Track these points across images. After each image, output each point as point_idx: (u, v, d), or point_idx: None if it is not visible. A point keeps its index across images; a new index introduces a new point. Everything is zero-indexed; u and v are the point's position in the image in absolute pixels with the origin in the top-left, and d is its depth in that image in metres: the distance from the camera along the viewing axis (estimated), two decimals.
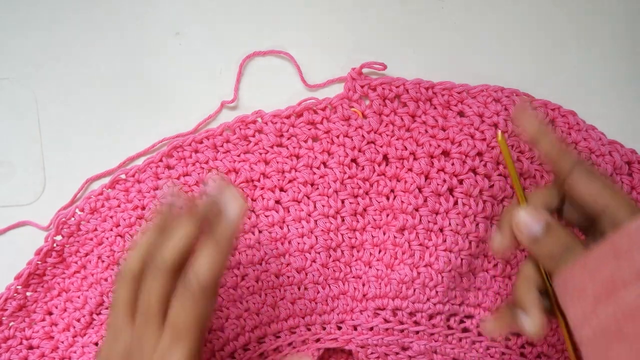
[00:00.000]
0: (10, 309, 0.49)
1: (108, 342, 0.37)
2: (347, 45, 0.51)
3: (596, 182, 0.34)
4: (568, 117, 0.48)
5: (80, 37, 0.52)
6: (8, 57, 0.52)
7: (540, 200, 0.37)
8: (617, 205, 0.34)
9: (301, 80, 0.51)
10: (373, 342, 0.47)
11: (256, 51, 0.51)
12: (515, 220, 0.36)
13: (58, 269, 0.50)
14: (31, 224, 0.51)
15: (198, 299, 0.35)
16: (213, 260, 0.35)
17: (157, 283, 0.35)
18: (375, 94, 0.48)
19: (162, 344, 0.35)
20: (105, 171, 0.51)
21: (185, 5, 0.52)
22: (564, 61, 0.51)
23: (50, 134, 0.52)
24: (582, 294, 0.32)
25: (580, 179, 0.35)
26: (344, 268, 0.48)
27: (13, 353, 0.49)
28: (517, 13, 0.51)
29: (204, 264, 0.35)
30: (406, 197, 0.47)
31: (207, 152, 0.49)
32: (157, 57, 0.52)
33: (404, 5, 0.51)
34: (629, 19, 0.51)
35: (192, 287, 0.35)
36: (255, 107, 0.50)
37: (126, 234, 0.48)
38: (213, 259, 0.35)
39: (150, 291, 0.35)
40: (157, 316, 0.35)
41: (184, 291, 0.35)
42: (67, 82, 0.52)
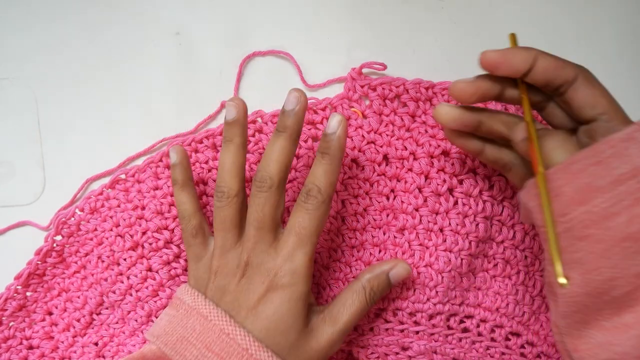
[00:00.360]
0: (10, 309, 0.49)
1: (217, 257, 0.41)
2: (346, 45, 0.51)
3: (596, 90, 0.35)
4: None
5: (80, 37, 0.52)
6: (8, 57, 0.52)
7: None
8: (612, 114, 0.35)
9: (301, 80, 0.51)
10: (373, 343, 0.47)
11: (256, 51, 0.51)
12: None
13: (58, 269, 0.50)
14: (31, 224, 0.51)
15: (320, 207, 0.39)
16: (329, 171, 0.40)
17: (270, 197, 0.39)
18: (375, 94, 0.48)
19: (287, 245, 0.39)
20: (105, 171, 0.51)
21: (185, 5, 0.52)
22: None
23: (50, 134, 0.52)
24: (560, 194, 0.32)
25: (582, 86, 0.36)
26: (344, 268, 0.48)
27: (13, 353, 0.49)
28: (517, 13, 0.51)
29: (322, 175, 0.39)
30: (406, 197, 0.47)
31: (207, 152, 0.49)
32: (157, 57, 0.52)
33: (404, 5, 0.51)
34: (630, 18, 0.51)
35: (315, 197, 0.39)
36: (255, 107, 0.50)
37: (126, 234, 0.48)
38: (329, 171, 0.40)
39: (263, 205, 0.39)
40: (271, 224, 0.40)
41: (307, 200, 0.39)
42: (67, 82, 0.52)
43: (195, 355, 0.38)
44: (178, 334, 0.39)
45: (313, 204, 0.39)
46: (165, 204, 0.48)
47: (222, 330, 0.38)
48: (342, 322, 0.41)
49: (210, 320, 0.38)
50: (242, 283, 0.40)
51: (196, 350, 0.38)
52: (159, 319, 0.42)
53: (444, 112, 0.39)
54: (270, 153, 0.40)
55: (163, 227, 0.47)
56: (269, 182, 0.40)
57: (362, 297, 0.42)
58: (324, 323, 0.41)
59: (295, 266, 0.39)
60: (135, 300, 0.48)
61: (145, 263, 0.48)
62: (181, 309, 0.40)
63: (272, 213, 0.40)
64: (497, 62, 0.37)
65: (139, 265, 0.48)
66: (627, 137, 0.32)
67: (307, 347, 0.40)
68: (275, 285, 0.39)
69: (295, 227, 0.39)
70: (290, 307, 0.39)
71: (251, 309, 0.39)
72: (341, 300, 0.42)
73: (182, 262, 0.48)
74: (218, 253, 0.41)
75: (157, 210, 0.47)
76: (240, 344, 0.37)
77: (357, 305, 0.41)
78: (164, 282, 0.48)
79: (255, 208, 0.40)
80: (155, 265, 0.47)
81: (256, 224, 0.40)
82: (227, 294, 0.40)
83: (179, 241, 0.48)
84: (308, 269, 0.39)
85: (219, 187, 0.41)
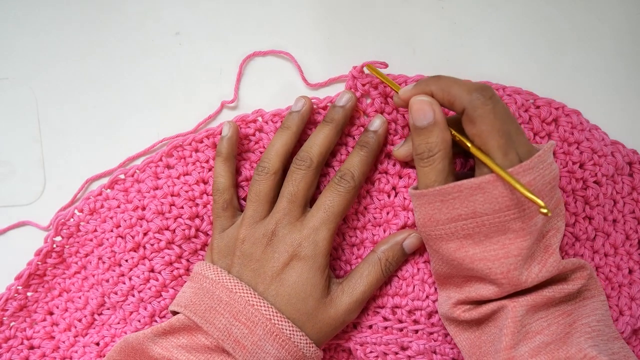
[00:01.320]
0: (11, 309, 0.49)
1: (245, 226, 0.44)
2: (347, 45, 0.51)
3: (475, 128, 0.38)
4: (572, 117, 0.48)
5: (80, 37, 0.52)
6: (8, 57, 0.52)
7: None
8: (488, 152, 0.37)
9: (302, 79, 0.50)
10: (372, 341, 0.47)
11: (256, 51, 0.51)
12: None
13: (58, 269, 0.50)
14: (31, 224, 0.51)
15: (350, 191, 0.43)
16: (365, 162, 0.44)
17: (307, 176, 0.43)
18: (376, 92, 0.48)
19: (314, 219, 0.43)
20: (105, 171, 0.51)
21: (185, 5, 0.52)
22: (566, 61, 0.51)
23: (50, 134, 0.52)
24: (415, 212, 0.42)
25: (465, 121, 0.39)
26: (344, 266, 0.48)
27: (14, 353, 0.49)
28: (518, 12, 0.51)
29: (358, 164, 0.44)
30: (408, 194, 0.47)
31: (207, 152, 0.49)
32: (157, 57, 0.52)
33: (404, 5, 0.51)
34: (632, 18, 0.51)
35: (347, 181, 0.43)
36: (255, 107, 0.50)
37: (127, 234, 0.48)
38: (365, 162, 0.44)
39: (299, 181, 0.43)
40: (303, 200, 0.43)
41: (340, 182, 0.43)
42: (67, 82, 0.52)
43: (223, 324, 0.40)
44: (206, 304, 0.41)
45: (345, 187, 0.43)
46: (166, 204, 0.47)
47: (247, 301, 0.41)
48: (359, 292, 0.44)
49: (236, 292, 0.41)
50: (267, 251, 0.43)
51: (224, 319, 0.40)
52: (182, 292, 0.44)
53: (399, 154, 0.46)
54: (315, 138, 0.45)
55: (164, 227, 0.47)
56: (308, 161, 0.44)
57: (377, 267, 0.45)
58: (342, 293, 0.44)
59: (318, 239, 0.42)
60: (138, 301, 0.48)
61: (147, 264, 0.48)
62: (204, 282, 0.42)
63: (305, 190, 0.43)
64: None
65: (141, 266, 0.48)
66: (476, 187, 0.37)
67: (325, 315, 0.43)
68: (298, 255, 0.42)
69: (325, 204, 0.43)
70: (310, 276, 0.42)
71: (275, 276, 0.42)
72: (358, 271, 0.45)
73: (185, 262, 0.48)
74: (248, 223, 0.44)
75: (158, 211, 0.47)
76: (264, 314, 0.41)
77: (373, 275, 0.44)
78: (167, 282, 0.48)
79: (291, 182, 0.43)
80: (158, 266, 0.47)
81: (289, 197, 0.43)
82: (253, 260, 0.43)
83: (180, 241, 0.48)
84: (329, 244, 0.43)
85: (262, 162, 0.45)
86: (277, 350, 0.40)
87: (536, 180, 0.37)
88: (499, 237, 0.38)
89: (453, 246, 0.39)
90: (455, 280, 0.42)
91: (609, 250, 0.48)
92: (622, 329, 0.47)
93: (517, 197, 0.36)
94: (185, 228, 0.47)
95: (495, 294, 0.39)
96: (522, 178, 0.36)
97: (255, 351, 0.40)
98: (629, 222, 0.48)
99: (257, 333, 0.40)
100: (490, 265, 0.38)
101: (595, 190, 0.47)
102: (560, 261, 0.38)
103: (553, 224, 0.39)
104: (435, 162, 0.39)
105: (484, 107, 0.37)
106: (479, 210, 0.37)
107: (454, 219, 0.38)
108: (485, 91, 0.37)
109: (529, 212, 0.37)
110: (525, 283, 0.38)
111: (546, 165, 0.38)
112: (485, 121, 0.37)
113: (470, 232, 0.38)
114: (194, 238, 0.48)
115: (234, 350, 0.40)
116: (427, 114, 0.39)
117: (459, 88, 0.38)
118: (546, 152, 0.38)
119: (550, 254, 0.38)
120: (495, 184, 0.37)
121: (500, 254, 0.38)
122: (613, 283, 0.48)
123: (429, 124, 0.39)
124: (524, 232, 0.37)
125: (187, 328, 0.41)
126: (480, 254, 0.38)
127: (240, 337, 0.40)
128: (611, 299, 0.47)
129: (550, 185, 0.38)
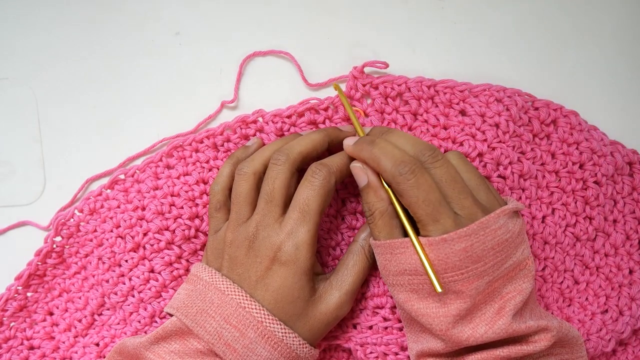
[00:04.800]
0: (10, 309, 0.49)
1: (231, 229, 0.43)
2: (347, 45, 0.51)
3: (405, 200, 0.39)
4: (570, 117, 0.48)
5: (80, 37, 0.52)
6: (8, 57, 0.52)
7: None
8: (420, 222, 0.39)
9: (302, 79, 0.50)
10: (372, 341, 0.47)
11: (256, 51, 0.51)
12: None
13: (58, 269, 0.50)
14: (31, 224, 0.51)
15: (324, 185, 0.42)
16: (344, 160, 0.43)
17: (282, 172, 0.42)
18: (377, 93, 0.48)
19: (290, 221, 0.41)
20: (105, 171, 0.51)
21: (185, 5, 0.52)
22: (566, 61, 0.51)
23: (50, 134, 0.52)
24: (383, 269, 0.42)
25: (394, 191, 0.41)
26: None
27: (14, 353, 0.49)
28: (517, 12, 0.51)
29: (337, 160, 0.43)
30: None
31: (208, 152, 0.49)
32: (157, 57, 0.52)
33: (404, 5, 0.51)
34: (633, 18, 0.51)
35: (321, 172, 0.42)
36: (255, 107, 0.50)
37: (127, 235, 0.48)
38: (344, 160, 0.43)
39: (274, 178, 0.42)
40: (280, 199, 0.42)
41: (315, 179, 0.42)
42: (67, 82, 0.52)
43: (214, 327, 0.40)
44: (197, 307, 0.41)
45: (319, 180, 0.42)
46: (166, 204, 0.47)
47: (238, 303, 0.40)
48: (348, 284, 0.43)
49: (228, 294, 0.41)
50: (250, 255, 0.42)
51: (215, 322, 0.40)
52: (177, 294, 0.43)
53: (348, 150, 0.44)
54: (299, 139, 0.44)
55: (164, 227, 0.47)
56: (284, 157, 0.42)
57: (362, 256, 0.44)
58: (331, 288, 0.43)
59: (297, 242, 0.41)
60: (138, 301, 0.48)
61: (147, 264, 0.48)
62: (199, 284, 0.42)
63: (282, 189, 0.42)
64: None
65: (141, 266, 0.48)
66: (400, 245, 0.39)
67: (316, 313, 0.42)
68: (279, 259, 0.41)
69: (299, 202, 0.42)
70: (295, 281, 0.41)
71: (259, 280, 0.41)
72: (344, 264, 0.44)
73: (184, 262, 0.48)
74: (232, 225, 0.43)
75: (158, 211, 0.47)
76: (256, 317, 0.40)
77: (359, 265, 0.44)
78: (167, 283, 0.48)
79: (267, 181, 0.42)
80: (158, 266, 0.47)
81: (266, 197, 0.42)
82: (238, 264, 0.42)
83: (180, 242, 0.48)
84: (310, 245, 0.41)
85: (242, 163, 0.44)
86: (270, 352, 0.40)
87: (473, 246, 0.37)
88: (440, 296, 0.39)
89: (403, 297, 0.41)
90: (415, 327, 0.43)
91: (609, 251, 0.48)
92: (622, 329, 0.47)
93: (455, 262, 0.38)
94: (185, 228, 0.47)
95: (443, 348, 0.40)
96: (454, 245, 0.37)
97: (246, 354, 0.40)
98: (629, 222, 0.48)
99: (248, 336, 0.40)
100: (431, 322, 0.39)
101: (595, 191, 0.47)
102: (510, 324, 0.38)
103: (516, 286, 0.39)
104: (375, 219, 0.41)
105: (405, 182, 0.38)
106: (419, 269, 0.39)
107: (401, 272, 0.40)
108: (407, 165, 0.39)
109: (469, 277, 0.38)
110: (467, 341, 0.38)
111: (490, 230, 0.38)
112: (409, 194, 0.38)
113: (415, 288, 0.40)
114: (194, 238, 0.48)
115: (224, 354, 0.40)
116: (361, 178, 0.42)
117: (385, 162, 0.39)
118: (493, 218, 0.38)
119: (501, 317, 0.38)
120: (430, 248, 0.38)
121: (440, 313, 0.39)
122: (613, 283, 0.48)
123: (365, 186, 0.42)
124: (464, 295, 0.38)
125: (180, 332, 0.41)
126: (423, 309, 0.39)
127: (231, 340, 0.40)
128: (611, 299, 0.47)
129: (494, 250, 0.38)
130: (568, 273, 0.48)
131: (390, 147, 0.40)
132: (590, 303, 0.48)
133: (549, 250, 0.48)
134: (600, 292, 0.48)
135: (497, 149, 0.46)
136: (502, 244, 0.38)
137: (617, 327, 0.47)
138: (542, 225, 0.48)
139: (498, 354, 0.38)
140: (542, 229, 0.47)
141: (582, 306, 0.48)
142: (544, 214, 0.48)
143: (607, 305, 0.48)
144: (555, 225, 0.48)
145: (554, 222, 0.48)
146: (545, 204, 0.48)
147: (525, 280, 0.40)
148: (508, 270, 0.39)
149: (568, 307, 0.48)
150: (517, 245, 0.40)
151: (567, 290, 0.48)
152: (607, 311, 0.47)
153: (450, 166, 0.40)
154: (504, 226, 0.39)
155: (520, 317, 0.39)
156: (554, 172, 0.48)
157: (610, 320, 0.47)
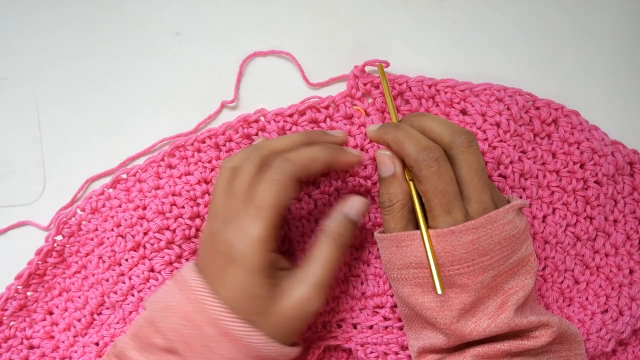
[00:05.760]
0: (10, 308, 0.49)
1: (209, 221, 0.42)
2: (347, 45, 0.51)
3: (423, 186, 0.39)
4: (571, 117, 0.48)
5: (80, 37, 0.52)
6: (8, 57, 0.52)
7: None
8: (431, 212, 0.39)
9: (303, 78, 0.50)
10: (372, 341, 0.47)
11: (257, 51, 0.51)
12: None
13: (59, 269, 0.50)
14: (31, 224, 0.51)
15: (282, 180, 0.39)
16: (310, 155, 0.41)
17: (249, 166, 0.40)
18: (378, 92, 0.48)
19: (242, 221, 0.39)
20: (106, 171, 0.51)
21: (185, 5, 0.52)
22: (566, 61, 0.51)
23: (50, 134, 0.52)
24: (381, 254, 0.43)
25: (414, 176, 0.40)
26: (343, 267, 0.48)
27: (14, 353, 0.49)
28: (517, 12, 0.51)
29: (301, 154, 0.41)
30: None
31: (210, 152, 0.49)
32: (157, 57, 0.52)
33: (404, 5, 0.51)
34: (633, 18, 0.51)
35: (282, 171, 0.39)
36: (255, 107, 0.50)
37: (127, 234, 0.48)
38: (310, 155, 0.41)
39: (244, 174, 0.40)
40: (243, 194, 0.40)
41: (275, 173, 0.39)
42: (67, 82, 0.52)
43: (175, 323, 0.39)
44: (164, 302, 0.40)
45: (279, 174, 0.39)
46: (167, 203, 0.47)
47: (201, 301, 0.39)
48: (317, 276, 0.41)
49: (195, 291, 0.39)
50: (212, 251, 0.40)
51: (176, 318, 0.39)
52: (160, 287, 0.42)
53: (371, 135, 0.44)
54: (281, 137, 0.43)
55: (165, 227, 0.47)
56: (256, 153, 0.41)
57: (330, 245, 0.42)
58: (297, 282, 0.41)
59: (249, 240, 0.39)
60: (137, 300, 0.48)
61: (147, 264, 0.48)
62: (177, 277, 0.41)
63: (245, 184, 0.40)
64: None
65: (141, 265, 0.48)
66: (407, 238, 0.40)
67: (279, 310, 0.40)
68: (232, 257, 0.39)
69: (254, 197, 0.39)
70: (249, 280, 0.39)
71: (219, 278, 0.40)
72: (312, 256, 0.42)
73: (184, 262, 0.48)
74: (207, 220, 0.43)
75: (159, 211, 0.47)
76: (215, 315, 0.38)
77: (327, 255, 0.41)
78: None
79: (237, 176, 0.41)
80: (158, 266, 0.47)
81: (230, 191, 0.41)
82: (207, 261, 0.41)
83: (180, 241, 0.48)
84: (263, 242, 0.39)
85: (223, 160, 0.43)
86: (230, 351, 0.38)
87: (480, 239, 0.38)
88: (445, 289, 0.39)
89: (407, 291, 0.41)
90: (416, 324, 0.43)
91: (610, 250, 0.48)
92: (622, 329, 0.47)
93: (461, 254, 0.38)
94: (186, 228, 0.47)
95: (445, 343, 0.40)
96: (462, 237, 0.38)
97: (205, 353, 0.38)
98: (629, 222, 0.48)
99: (207, 334, 0.38)
100: (435, 315, 0.39)
101: (596, 190, 0.47)
102: (512, 319, 0.38)
103: (518, 281, 0.40)
104: (395, 211, 0.41)
105: (428, 168, 0.38)
106: (425, 262, 0.39)
107: (406, 265, 0.40)
108: (432, 152, 0.39)
109: (475, 270, 0.38)
110: (470, 335, 0.39)
111: (498, 225, 0.38)
112: (428, 181, 0.39)
113: (419, 281, 0.40)
114: (194, 238, 0.48)
115: (184, 352, 0.38)
116: (388, 167, 0.41)
117: (410, 145, 0.39)
118: (501, 213, 0.39)
119: (503, 311, 0.39)
120: (438, 240, 0.38)
121: (445, 306, 0.39)
122: (613, 283, 0.48)
123: (389, 176, 0.41)
124: (469, 289, 0.38)
125: (147, 326, 0.40)
126: (427, 303, 0.40)
127: (189, 338, 0.38)
128: (611, 299, 0.47)
129: (500, 245, 0.38)
130: (568, 273, 0.48)
131: (415, 132, 0.40)
132: (590, 303, 0.48)
133: (550, 249, 0.48)
134: (600, 292, 0.48)
135: (498, 148, 0.46)
136: (509, 239, 0.39)
137: (617, 327, 0.47)
138: (542, 224, 0.48)
139: (499, 348, 0.39)
140: (542, 228, 0.48)
141: (582, 306, 0.48)
142: (544, 213, 0.48)
143: (607, 305, 0.48)
144: (556, 225, 0.48)
145: (554, 221, 0.48)
146: (546, 203, 0.48)
147: (527, 276, 0.40)
148: (512, 265, 0.39)
149: (568, 306, 0.48)
150: (522, 242, 0.40)
151: (568, 289, 0.48)
152: (607, 311, 0.48)
153: (481, 156, 0.40)
154: (511, 222, 0.39)
155: (522, 313, 0.39)
156: (554, 172, 0.48)
157: (610, 320, 0.47)
